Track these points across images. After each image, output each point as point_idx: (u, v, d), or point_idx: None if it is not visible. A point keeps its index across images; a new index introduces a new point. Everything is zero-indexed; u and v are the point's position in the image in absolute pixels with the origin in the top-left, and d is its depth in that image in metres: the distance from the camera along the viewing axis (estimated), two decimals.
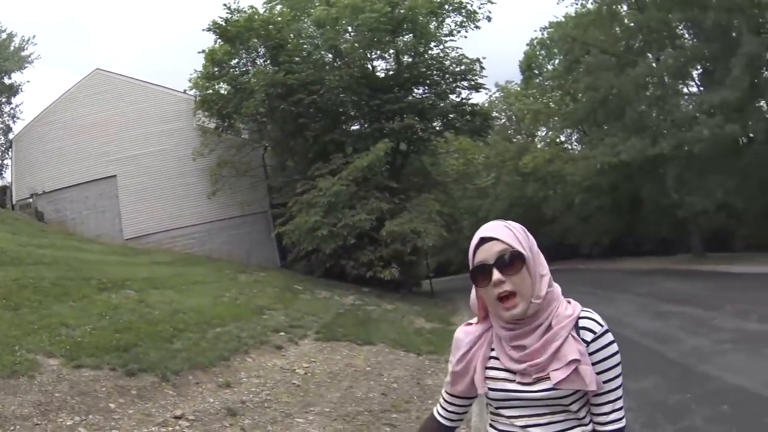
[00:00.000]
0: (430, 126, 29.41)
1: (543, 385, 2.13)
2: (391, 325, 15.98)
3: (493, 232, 2.19)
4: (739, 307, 14.48)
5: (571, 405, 2.17)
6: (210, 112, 26.12)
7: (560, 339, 2.13)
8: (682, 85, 32.59)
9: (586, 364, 2.12)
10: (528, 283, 2.14)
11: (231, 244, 28.26)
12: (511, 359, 2.20)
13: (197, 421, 6.29)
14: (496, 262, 2.12)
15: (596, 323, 2.21)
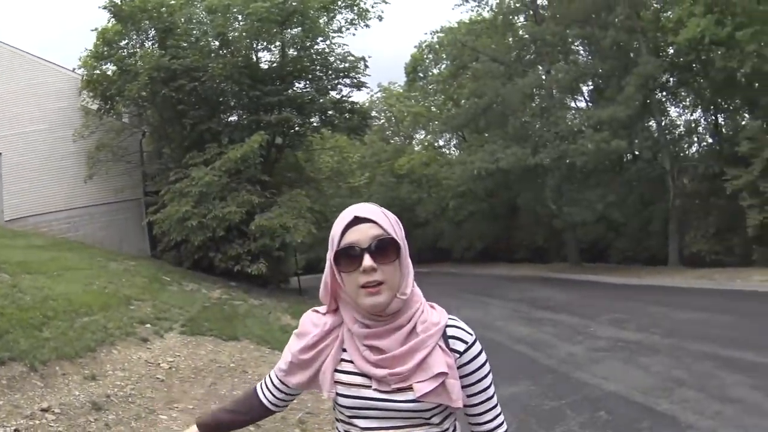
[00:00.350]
0: (308, 121, 29.29)
1: (404, 396, 2.01)
2: (257, 321, 15.90)
3: (370, 213, 2.04)
4: (614, 317, 15.02)
5: (432, 418, 2.06)
6: (94, 93, 25.33)
7: (427, 348, 2.02)
8: (571, 100, 33.35)
9: (453, 378, 2.03)
10: (397, 277, 2.03)
11: (105, 230, 27.40)
12: (367, 362, 2.05)
13: (63, 415, 6.14)
14: (369, 246, 1.98)
15: (466, 332, 2.14)
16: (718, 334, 11.50)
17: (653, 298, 17.56)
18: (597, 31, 27.82)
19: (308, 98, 27.40)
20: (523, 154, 28.25)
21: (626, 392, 8.47)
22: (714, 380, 8.50)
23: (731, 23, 21.30)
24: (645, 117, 29.61)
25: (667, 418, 7.21)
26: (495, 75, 31.61)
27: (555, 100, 30.66)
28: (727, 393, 7.85)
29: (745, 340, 10.58)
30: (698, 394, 7.97)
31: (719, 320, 13.08)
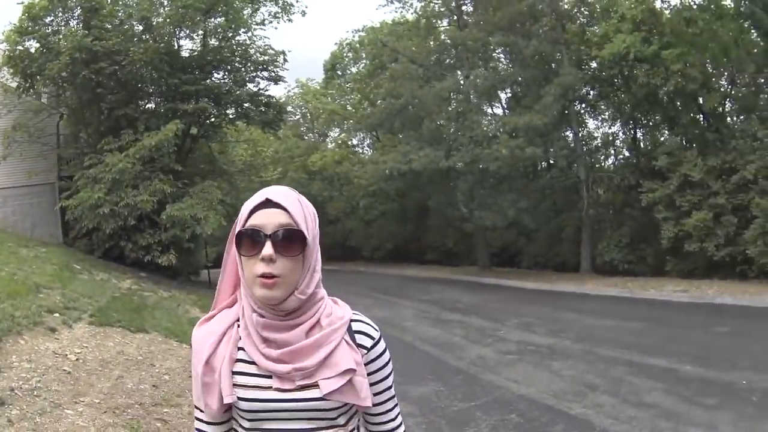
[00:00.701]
0: (224, 112, 29.12)
1: (308, 394, 1.92)
2: (166, 313, 15.73)
3: (284, 199, 1.94)
4: (524, 320, 15.29)
5: (338, 418, 1.98)
6: (15, 70, 24.49)
7: (333, 343, 1.95)
8: (488, 105, 33.66)
9: (361, 376, 1.97)
10: (297, 274, 1.92)
11: (16, 214, 26.52)
12: (267, 358, 1.93)
13: None
14: (273, 234, 1.87)
15: (372, 328, 2.09)
16: (631, 340, 11.75)
17: (564, 304, 17.85)
18: (520, 39, 28.08)
19: (226, 89, 27.20)
20: (436, 157, 28.37)
21: (538, 396, 8.59)
22: (627, 386, 8.68)
23: (658, 42, 21.75)
24: (562, 127, 30.10)
25: (580, 421, 7.34)
26: (413, 77, 31.71)
27: (472, 105, 30.86)
28: (641, 398, 8.03)
29: (658, 347, 10.83)
30: (612, 398, 8.13)
31: (632, 327, 13.37)
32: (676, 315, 14.82)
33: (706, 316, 14.26)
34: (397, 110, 32.95)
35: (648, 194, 23.13)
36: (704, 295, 17.37)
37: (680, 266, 22.63)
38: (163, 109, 26.39)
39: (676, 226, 21.97)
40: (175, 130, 23.25)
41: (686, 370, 9.13)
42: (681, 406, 7.52)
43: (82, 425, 6.42)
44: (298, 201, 1.98)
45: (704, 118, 24.44)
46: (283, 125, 35.60)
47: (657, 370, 9.35)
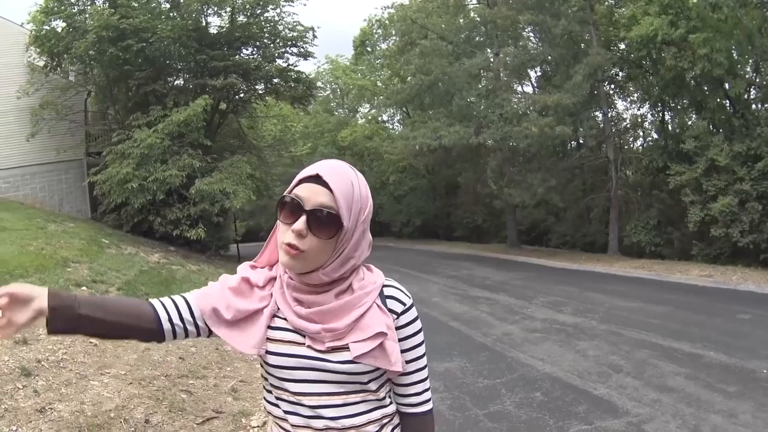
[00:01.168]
0: (253, 88, 29.24)
1: (340, 356, 1.92)
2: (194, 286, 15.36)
3: (333, 180, 1.90)
4: (551, 299, 15.17)
5: (369, 383, 1.98)
6: (42, 49, 24.59)
7: (364, 306, 1.95)
8: (517, 83, 33.48)
9: (392, 341, 1.96)
10: (325, 256, 1.90)
11: (45, 190, 26.86)
12: (298, 316, 1.95)
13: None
14: (310, 211, 1.86)
15: (404, 294, 2.07)
16: (656, 323, 11.63)
17: (591, 284, 17.68)
18: (549, 18, 27.80)
19: (254, 65, 27.16)
20: (466, 133, 28.20)
21: (562, 375, 8.53)
22: (651, 368, 8.59)
23: (684, 26, 21.48)
24: (591, 106, 29.80)
25: (603, 402, 7.27)
26: (442, 54, 31.45)
27: (501, 83, 30.60)
28: (665, 382, 7.94)
29: (682, 331, 10.72)
30: (635, 381, 8.05)
31: (657, 310, 13.22)
32: (701, 300, 14.64)
33: (730, 302, 14.06)
34: (427, 86, 32.76)
35: (675, 177, 22.87)
36: (728, 281, 17.15)
37: (706, 251, 22.42)
38: (192, 85, 26.46)
39: (702, 210, 21.73)
40: (204, 106, 23.32)
41: (709, 356, 9.04)
42: (703, 392, 7.44)
43: (108, 396, 6.46)
44: (351, 184, 1.96)
45: (730, 103, 24.09)
46: (312, 101, 35.71)
47: (681, 354, 9.26)
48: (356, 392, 1.97)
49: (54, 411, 5.76)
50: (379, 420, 2.03)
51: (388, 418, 2.07)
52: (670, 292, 16.06)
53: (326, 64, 54.36)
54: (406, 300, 2.06)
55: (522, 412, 7.10)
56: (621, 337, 10.61)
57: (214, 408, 6.92)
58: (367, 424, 1.99)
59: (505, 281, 19.68)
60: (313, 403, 1.95)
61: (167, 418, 6.30)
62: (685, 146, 22.80)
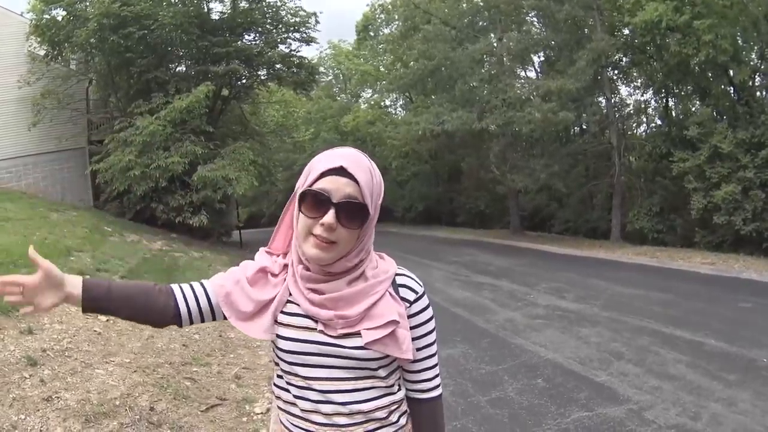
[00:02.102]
0: (255, 74, 29.17)
1: (352, 342, 1.95)
2: (197, 273, 15.75)
3: (358, 170, 1.92)
4: (554, 286, 15.15)
5: (378, 370, 2.02)
6: (42, 39, 24.49)
7: (377, 294, 1.99)
8: (521, 69, 33.39)
9: (404, 329, 2.00)
10: (351, 244, 1.95)
11: (47, 180, 26.81)
12: (312, 303, 1.98)
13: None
14: (339, 204, 1.88)
15: (416, 282, 2.12)
16: (658, 310, 11.65)
17: (594, 271, 17.68)
18: (552, 3, 27.68)
19: (257, 51, 27.19)
20: (469, 118, 28.15)
21: (564, 361, 8.57)
22: (652, 356, 8.62)
23: (689, 12, 21.40)
24: (595, 92, 29.65)
25: (605, 389, 7.31)
26: (446, 39, 31.38)
27: (505, 68, 30.54)
28: (666, 369, 7.97)
29: (683, 319, 10.74)
30: (637, 368, 8.09)
31: (659, 297, 13.24)
32: (703, 287, 14.62)
33: (732, 290, 14.06)
34: (430, 71, 32.70)
35: (679, 163, 22.82)
36: (730, 269, 17.15)
37: (708, 238, 22.40)
38: (194, 71, 26.40)
39: (705, 197, 21.69)
40: (206, 92, 23.27)
41: (710, 344, 9.07)
42: (703, 380, 7.47)
43: (112, 384, 6.51)
44: (371, 173, 1.98)
45: (734, 90, 24.04)
46: (315, 86, 35.60)
47: (682, 342, 9.29)
48: (366, 378, 2.01)
49: (60, 399, 5.81)
50: (387, 406, 2.07)
51: (396, 405, 2.11)
52: (672, 279, 16.08)
53: (329, 50, 54.34)
54: (418, 288, 2.11)
55: (524, 399, 7.15)
56: (623, 324, 10.64)
57: (218, 395, 6.98)
58: (376, 410, 2.03)
59: (507, 267, 19.70)
60: (323, 388, 1.99)
61: (172, 405, 6.35)
62: (689, 133, 22.74)
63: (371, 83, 51.78)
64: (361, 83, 53.01)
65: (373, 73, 50.20)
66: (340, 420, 2.00)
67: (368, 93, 55.13)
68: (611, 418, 6.41)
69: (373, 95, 53.82)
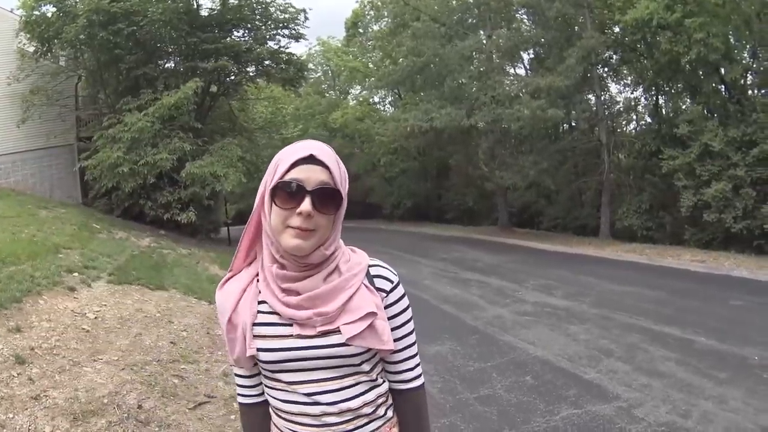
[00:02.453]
0: (244, 70, 29.09)
1: (330, 340, 1.94)
2: (185, 270, 15.79)
3: (326, 157, 1.95)
4: (542, 282, 15.23)
5: (362, 365, 2.02)
6: (32, 35, 24.35)
7: (352, 288, 1.98)
8: (510, 66, 33.43)
9: (382, 320, 1.99)
10: (328, 231, 1.95)
11: (36, 177, 26.73)
12: (288, 306, 1.96)
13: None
14: (314, 191, 1.88)
15: (390, 272, 2.12)
16: (648, 308, 11.70)
17: (583, 268, 17.73)
18: (543, 1, 27.72)
19: (245, 47, 27.05)
20: (458, 115, 28.16)
21: (553, 358, 8.61)
22: (641, 353, 8.67)
23: (681, 10, 21.42)
24: (584, 89, 29.71)
25: (593, 387, 7.35)
26: (435, 35, 31.40)
27: (494, 65, 30.61)
28: (655, 367, 8.02)
29: (673, 317, 10.79)
30: (626, 365, 8.14)
31: (649, 294, 13.29)
32: (693, 285, 14.67)
33: (722, 288, 14.10)
34: (419, 68, 32.75)
35: (668, 161, 22.86)
36: (721, 267, 17.23)
37: (698, 236, 22.45)
38: (183, 68, 26.36)
39: (695, 195, 21.73)
40: (195, 89, 23.26)
41: (700, 342, 9.11)
42: (694, 377, 7.51)
43: (100, 382, 6.49)
44: (336, 161, 2.01)
45: (725, 89, 24.07)
46: (303, 83, 35.51)
47: (672, 339, 9.33)
48: (350, 375, 2.01)
49: (49, 398, 5.80)
50: (374, 401, 2.07)
51: (382, 398, 2.12)
52: (662, 276, 16.13)
53: (318, 46, 54.28)
54: (393, 278, 2.11)
55: (512, 396, 7.18)
56: (612, 322, 10.68)
57: (206, 392, 6.97)
58: (363, 407, 2.04)
59: (496, 264, 19.75)
60: (308, 391, 1.99)
61: (160, 403, 6.34)
62: (679, 131, 22.78)
63: (360, 80, 51.78)
64: (350, 80, 53.05)
65: (362, 69, 50.19)
66: (330, 419, 2.00)
67: (357, 90, 55.16)
68: (601, 416, 6.44)
69: (361, 92, 53.84)
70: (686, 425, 6.14)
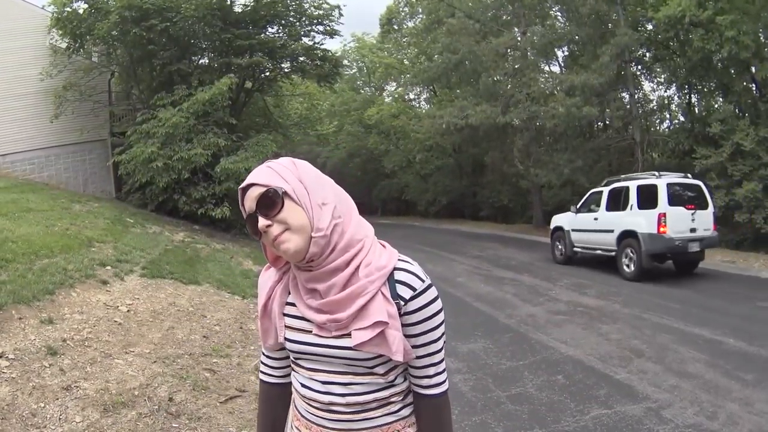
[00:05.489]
0: (279, 66, 29.09)
1: (343, 342, 1.97)
2: (218, 265, 15.83)
3: (251, 177, 1.97)
4: (575, 281, 15.22)
5: (375, 368, 2.02)
6: (64, 31, 24.33)
7: (368, 295, 1.94)
8: (545, 63, 33.34)
9: (394, 329, 1.94)
10: (300, 216, 1.92)
11: (69, 171, 26.98)
12: (308, 308, 2.01)
13: (17, 361, 6.09)
14: (257, 207, 1.92)
15: (416, 277, 2.01)
16: (678, 308, 11.63)
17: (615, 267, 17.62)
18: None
19: (280, 43, 27.04)
20: (493, 113, 28.17)
21: (585, 358, 8.55)
22: (672, 354, 8.60)
23: (712, 7, 21.26)
24: (618, 87, 29.58)
25: (624, 387, 7.29)
26: (469, 32, 31.36)
27: (529, 62, 30.55)
28: (685, 368, 7.95)
29: (703, 318, 10.71)
30: (656, 366, 8.07)
31: (679, 295, 13.21)
32: (722, 286, 14.56)
33: (751, 289, 13.98)
34: (454, 65, 32.75)
35: (701, 160, 22.71)
36: (750, 268, 17.15)
37: (729, 236, 22.28)
38: (217, 63, 26.33)
39: (727, 195, 21.58)
40: (229, 84, 23.23)
41: (729, 343, 9.04)
42: (721, 379, 7.45)
43: (132, 374, 6.55)
44: (266, 167, 2.00)
45: (756, 87, 23.87)
46: (339, 79, 35.55)
47: (701, 340, 9.26)
48: (364, 374, 2.03)
49: (79, 389, 5.86)
50: (386, 398, 2.08)
51: (398, 396, 2.12)
52: (692, 277, 16.01)
53: (352, 42, 54.36)
54: (417, 285, 2.01)
55: (543, 395, 7.14)
56: (643, 321, 10.62)
57: (238, 387, 6.98)
58: (373, 401, 2.06)
59: (530, 262, 19.73)
60: (324, 380, 2.05)
61: (191, 396, 6.37)
62: (711, 130, 22.63)
63: (395, 76, 51.79)
64: (385, 76, 53.06)
65: (397, 66, 50.20)
66: (337, 408, 2.05)
67: (392, 86, 55.18)
68: (630, 416, 6.39)
69: (396, 88, 53.86)
70: (713, 427, 6.08)
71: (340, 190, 2.08)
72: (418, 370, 2.10)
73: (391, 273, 2.00)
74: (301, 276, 2.02)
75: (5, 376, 5.76)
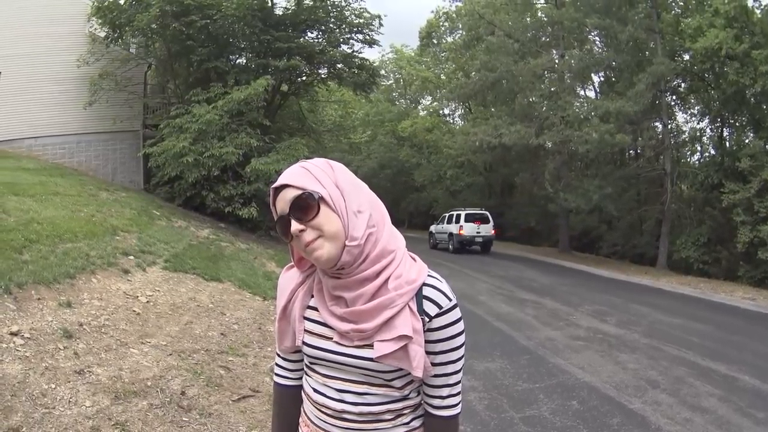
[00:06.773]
0: (316, 71, 29.25)
1: (364, 352, 1.92)
2: (241, 264, 15.84)
3: (286, 178, 1.92)
4: (597, 308, 15.06)
5: (393, 381, 1.98)
6: (103, 20, 24.50)
7: (396, 308, 1.89)
8: (581, 87, 33.31)
9: (417, 344, 1.90)
10: (336, 223, 1.86)
11: (99, 159, 27.21)
12: (332, 315, 1.96)
13: (32, 340, 6.08)
14: (290, 210, 1.87)
15: (444, 296, 1.96)
16: (696, 341, 11.50)
17: (637, 297, 17.52)
18: (615, 23, 27.58)
19: (318, 48, 27.16)
20: (527, 134, 28.17)
21: (600, 385, 8.45)
22: (687, 387, 8.49)
23: (748, 41, 21.17)
24: (652, 116, 29.53)
25: (637, 417, 7.18)
26: (508, 51, 31.40)
27: (565, 85, 30.52)
28: (699, 402, 7.84)
29: (720, 352, 10.58)
30: (670, 398, 7.96)
31: (698, 328, 13.09)
32: (741, 322, 14.43)
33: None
34: (490, 83, 32.79)
35: (729, 195, 22.60)
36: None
37: (752, 273, 22.17)
38: (254, 64, 26.45)
39: (752, 231, 21.48)
40: (266, 86, 23.30)
41: (744, 380, 8.92)
42: (734, 415, 7.35)
43: (146, 365, 6.53)
44: (301, 167, 1.96)
45: None
46: (375, 88, 35.63)
47: (717, 375, 9.15)
48: (380, 386, 1.99)
49: (92, 374, 5.84)
50: (399, 410, 2.04)
51: (409, 409, 2.07)
52: (713, 311, 15.90)
53: (391, 53, 54.66)
54: (443, 303, 1.96)
55: (557, 419, 7.06)
56: (661, 353, 10.51)
57: (251, 386, 6.93)
58: (386, 412, 2.01)
59: (552, 286, 19.64)
60: (339, 387, 2.01)
61: (203, 392, 6.33)
62: (741, 165, 22.50)
63: (431, 90, 51.97)
64: (421, 89, 53.28)
65: (434, 80, 50.38)
66: (350, 416, 2.01)
67: (428, 100, 55.31)
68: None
69: (432, 102, 54.01)
70: None
71: (375, 197, 2.04)
72: (431, 389, 2.05)
73: (420, 288, 1.96)
74: (327, 282, 1.97)
75: (19, 354, 5.75)
